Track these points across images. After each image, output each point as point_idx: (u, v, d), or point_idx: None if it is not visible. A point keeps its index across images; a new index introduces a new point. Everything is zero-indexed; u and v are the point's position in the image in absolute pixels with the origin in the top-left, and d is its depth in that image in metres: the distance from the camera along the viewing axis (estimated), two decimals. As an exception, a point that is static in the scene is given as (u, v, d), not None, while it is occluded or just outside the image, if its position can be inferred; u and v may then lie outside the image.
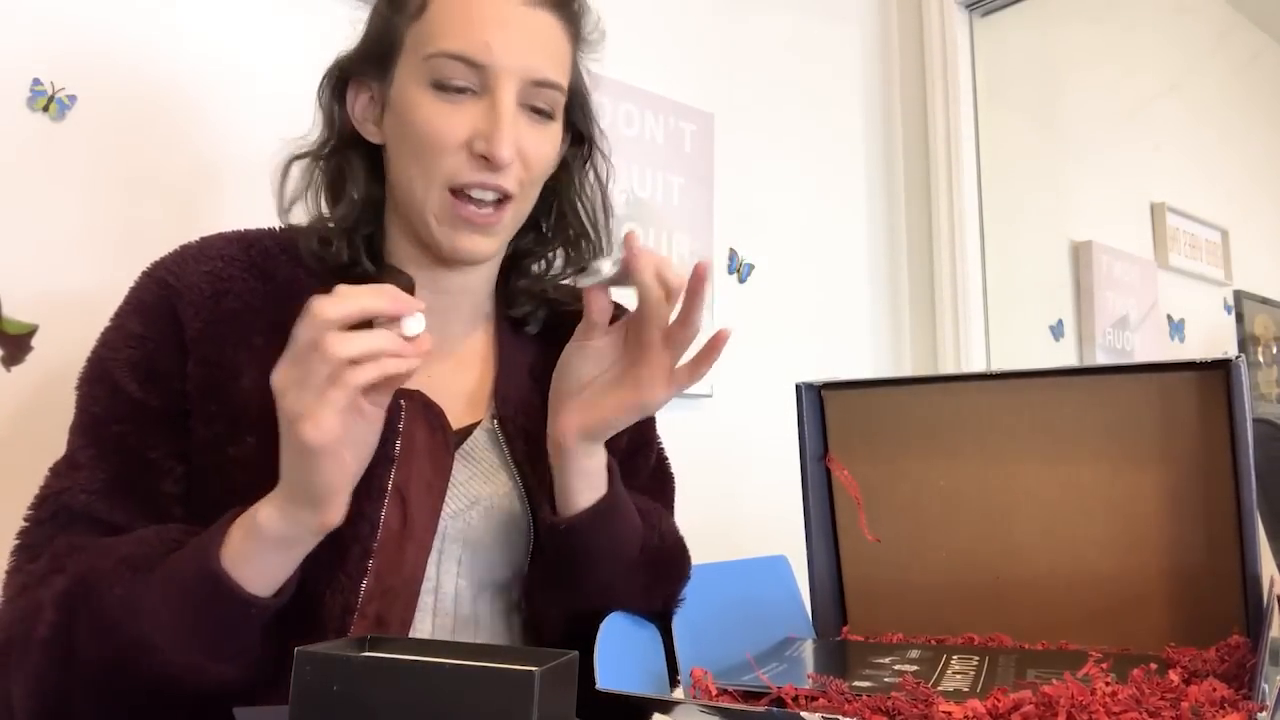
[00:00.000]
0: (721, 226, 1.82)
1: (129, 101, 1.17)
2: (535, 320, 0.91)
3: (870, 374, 2.07)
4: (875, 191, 2.17)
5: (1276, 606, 0.68)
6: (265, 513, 0.64)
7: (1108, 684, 0.60)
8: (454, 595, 0.79)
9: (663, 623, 0.79)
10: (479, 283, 0.88)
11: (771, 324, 1.91)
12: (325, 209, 0.85)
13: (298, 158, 0.86)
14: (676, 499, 0.99)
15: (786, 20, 2.01)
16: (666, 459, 0.99)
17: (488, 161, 0.76)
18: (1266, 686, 0.58)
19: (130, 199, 1.16)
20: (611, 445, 0.80)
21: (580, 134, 0.89)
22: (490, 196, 0.78)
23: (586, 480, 0.75)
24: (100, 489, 0.73)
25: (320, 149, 0.85)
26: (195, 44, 1.22)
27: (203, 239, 0.83)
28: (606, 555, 0.76)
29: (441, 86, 0.76)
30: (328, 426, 0.60)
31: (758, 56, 1.95)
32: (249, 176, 1.24)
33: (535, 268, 0.92)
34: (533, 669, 0.47)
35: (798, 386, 0.88)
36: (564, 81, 0.80)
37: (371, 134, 0.83)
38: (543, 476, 0.79)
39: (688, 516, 1.03)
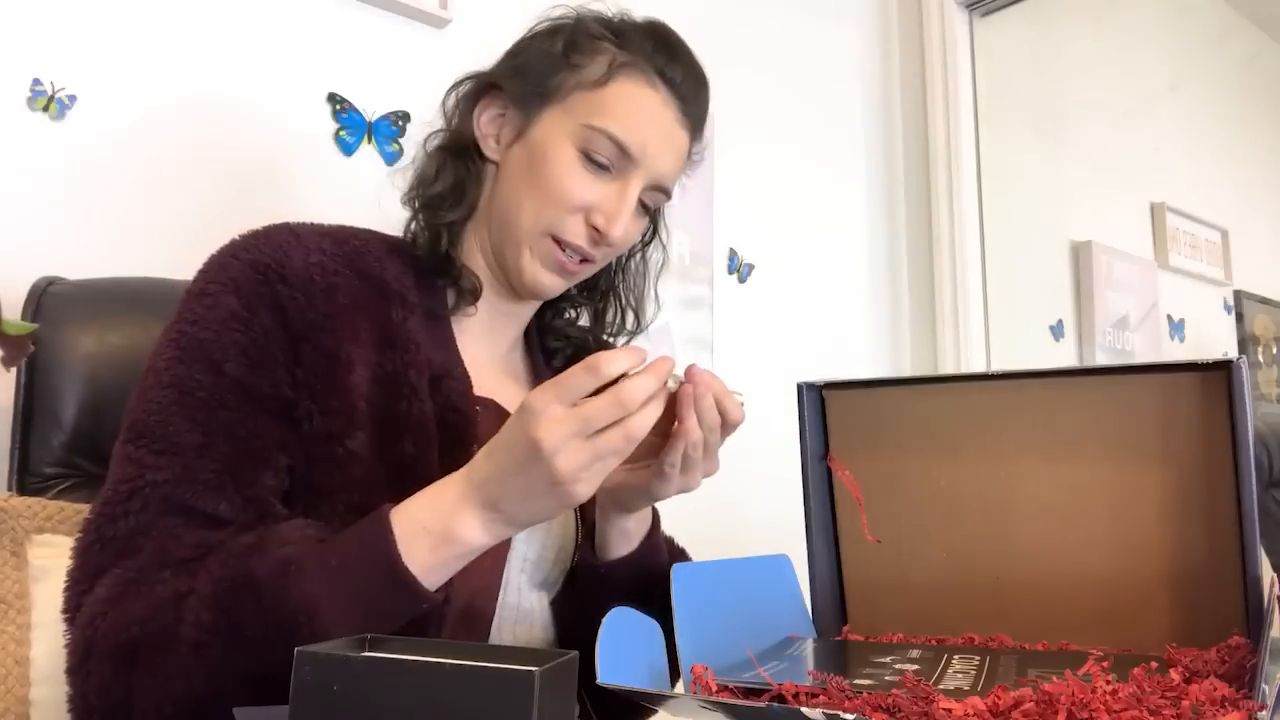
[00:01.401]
0: (721, 226, 1.82)
1: (129, 101, 1.17)
2: (563, 356, 0.99)
3: (870, 374, 2.07)
4: (875, 192, 2.17)
5: (1277, 607, 0.68)
6: (470, 530, 0.67)
7: (1108, 682, 0.60)
8: (518, 590, 0.85)
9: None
10: (528, 311, 0.95)
11: (771, 324, 1.91)
12: (419, 191, 0.88)
13: (433, 134, 0.91)
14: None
15: (786, 20, 2.01)
16: None
17: (599, 234, 0.84)
18: (1266, 687, 0.58)
19: (129, 199, 1.16)
20: None
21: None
22: (580, 258, 0.86)
23: (622, 536, 0.83)
24: (209, 479, 0.71)
25: (454, 139, 0.90)
26: (196, 43, 1.22)
27: (283, 227, 0.82)
28: (630, 595, 0.80)
29: (589, 157, 0.83)
30: (596, 486, 0.66)
31: (758, 56, 1.95)
32: (250, 174, 1.24)
33: (568, 313, 1.01)
34: (533, 669, 0.47)
35: (799, 386, 0.89)
36: (673, 191, 0.90)
37: (490, 149, 0.88)
38: None
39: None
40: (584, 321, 1.01)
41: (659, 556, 0.86)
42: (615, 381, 0.65)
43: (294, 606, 0.64)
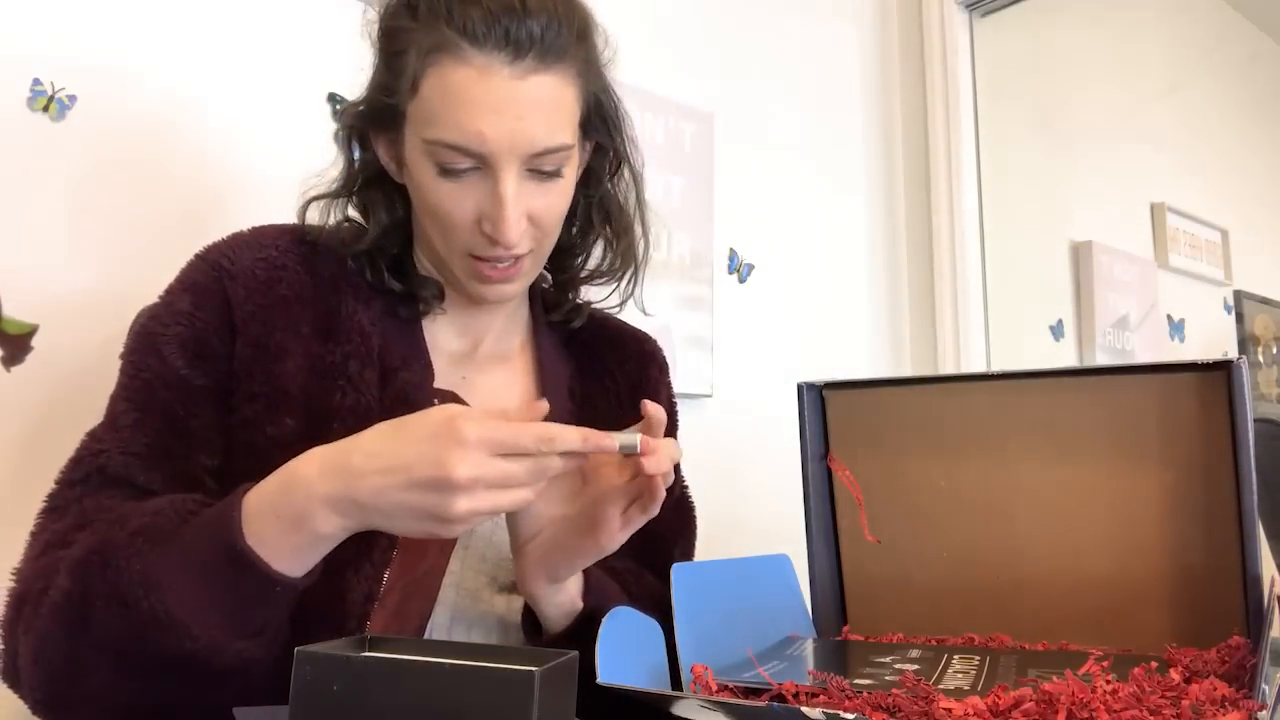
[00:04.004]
0: (721, 226, 1.82)
1: (129, 102, 1.17)
2: (580, 316, 0.95)
3: (870, 374, 2.07)
4: (875, 191, 2.17)
5: (1276, 607, 0.68)
6: (322, 523, 0.64)
7: (1108, 682, 0.60)
8: (474, 592, 0.81)
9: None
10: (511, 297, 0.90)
11: (771, 324, 1.91)
12: (351, 237, 0.86)
13: (316, 199, 0.87)
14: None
15: (786, 20, 2.01)
16: (688, 492, 1.01)
17: (493, 241, 0.78)
18: (1266, 687, 0.58)
19: (130, 199, 1.16)
20: None
21: (604, 144, 0.88)
22: (507, 261, 0.80)
23: (560, 610, 0.76)
24: (140, 451, 0.74)
25: (344, 189, 0.87)
26: (196, 43, 1.22)
27: (255, 228, 0.85)
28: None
29: (445, 171, 0.76)
30: (466, 529, 0.64)
31: (758, 56, 1.94)
32: (250, 175, 1.24)
33: (578, 261, 0.94)
34: (533, 669, 0.47)
35: (799, 386, 0.89)
36: (569, 138, 0.78)
37: (394, 174, 0.84)
38: None
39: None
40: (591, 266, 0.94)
41: (605, 603, 0.77)
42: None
43: (136, 579, 0.64)
